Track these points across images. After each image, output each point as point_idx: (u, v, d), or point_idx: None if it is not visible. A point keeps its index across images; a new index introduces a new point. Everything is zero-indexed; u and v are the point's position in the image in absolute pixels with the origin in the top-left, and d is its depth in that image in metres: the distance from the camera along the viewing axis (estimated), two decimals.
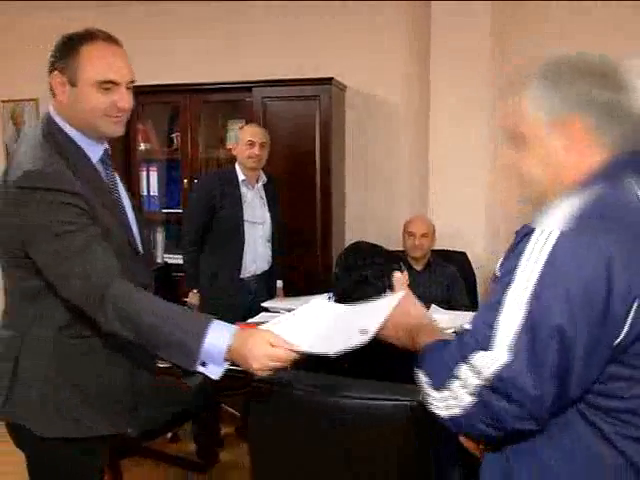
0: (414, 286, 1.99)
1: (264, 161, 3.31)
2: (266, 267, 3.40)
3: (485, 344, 1.00)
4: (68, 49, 1.48)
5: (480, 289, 3.79)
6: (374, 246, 1.97)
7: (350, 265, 1.92)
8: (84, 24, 1.56)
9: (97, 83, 1.48)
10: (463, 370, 1.02)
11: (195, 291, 3.33)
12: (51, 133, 1.51)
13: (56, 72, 1.49)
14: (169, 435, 3.27)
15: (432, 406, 1.10)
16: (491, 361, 0.99)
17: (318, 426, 1.61)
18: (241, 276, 3.29)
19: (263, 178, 3.37)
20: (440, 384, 1.07)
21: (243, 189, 3.28)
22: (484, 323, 1.02)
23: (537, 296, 0.96)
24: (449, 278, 3.45)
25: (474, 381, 1.00)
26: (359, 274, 1.87)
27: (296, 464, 1.68)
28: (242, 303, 3.17)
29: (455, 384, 1.04)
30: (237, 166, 3.31)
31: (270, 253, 3.41)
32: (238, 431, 3.45)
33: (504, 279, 1.02)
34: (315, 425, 1.62)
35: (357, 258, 1.93)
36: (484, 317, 1.04)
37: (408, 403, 1.52)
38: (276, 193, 3.46)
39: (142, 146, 4.24)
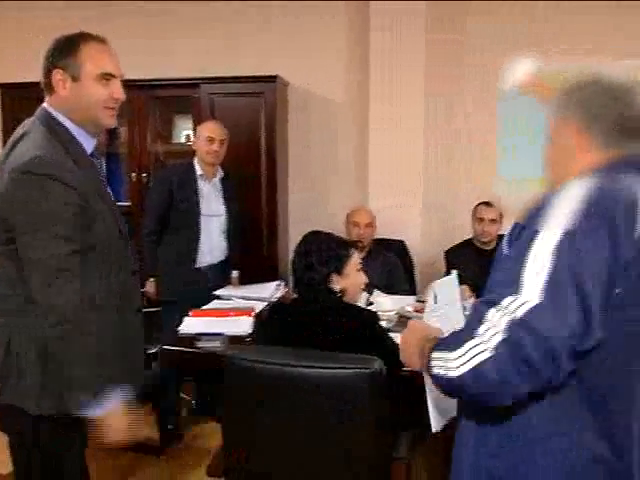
0: None
1: (222, 157, 3.44)
2: (222, 257, 3.54)
3: (513, 291, 1.05)
4: (68, 48, 1.64)
5: (418, 275, 4.07)
6: (326, 234, 2.15)
7: (301, 252, 2.11)
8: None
9: (98, 76, 1.65)
10: (491, 313, 1.06)
11: (152, 280, 3.45)
12: (51, 126, 1.65)
13: (57, 70, 1.64)
14: None
15: (439, 369, 1.13)
16: (522, 303, 1.03)
17: (286, 396, 1.79)
18: (197, 265, 3.43)
19: (220, 173, 3.50)
20: (457, 342, 1.10)
21: (200, 183, 3.40)
22: (507, 280, 1.08)
23: (562, 243, 1.05)
24: (389, 265, 3.68)
25: (505, 319, 1.04)
26: (306, 260, 2.07)
27: (266, 434, 1.85)
28: (198, 291, 3.28)
29: (482, 328, 1.06)
30: (195, 161, 3.43)
31: (226, 245, 3.56)
32: (193, 412, 3.62)
33: (525, 235, 1.11)
34: (282, 395, 1.79)
35: (306, 245, 2.12)
36: (505, 277, 1.11)
37: (368, 371, 1.71)
38: (234, 188, 3.59)
39: None
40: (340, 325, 1.94)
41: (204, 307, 3.05)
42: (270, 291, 3.31)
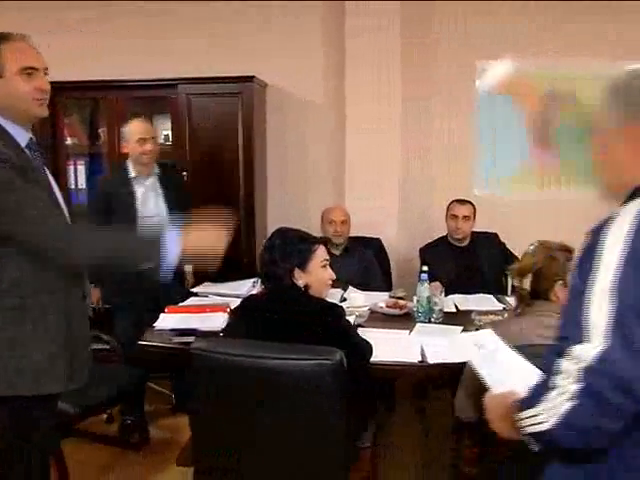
0: (334, 270, 2.27)
1: (157, 154, 3.42)
2: None
3: (580, 339, 1.03)
4: None
5: (394, 272, 4.13)
6: (293, 230, 2.21)
7: (266, 247, 2.16)
8: None
9: (20, 70, 1.76)
10: (564, 364, 1.04)
11: (92, 286, 3.24)
12: None
13: None
14: (105, 417, 3.44)
15: (531, 427, 1.10)
16: (590, 349, 1.01)
17: (251, 387, 1.85)
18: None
19: (156, 170, 3.45)
20: (540, 395, 1.09)
21: (135, 185, 3.38)
22: (574, 324, 1.05)
23: (621, 281, 1.01)
24: (365, 262, 3.75)
25: (576, 366, 1.02)
26: (270, 255, 2.12)
27: (233, 423, 1.91)
28: (149, 289, 3.19)
29: (557, 379, 1.05)
30: (128, 163, 3.40)
31: None
32: (172, 409, 3.66)
33: (585, 275, 1.06)
34: (248, 386, 1.86)
35: (272, 241, 2.17)
36: (571, 319, 1.08)
37: (329, 362, 1.78)
38: (177, 180, 3.62)
39: (69, 140, 4.33)
40: (303, 318, 1.99)
41: (181, 304, 3.10)
42: (247, 288, 3.37)
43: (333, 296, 2.93)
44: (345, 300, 3.11)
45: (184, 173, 4.01)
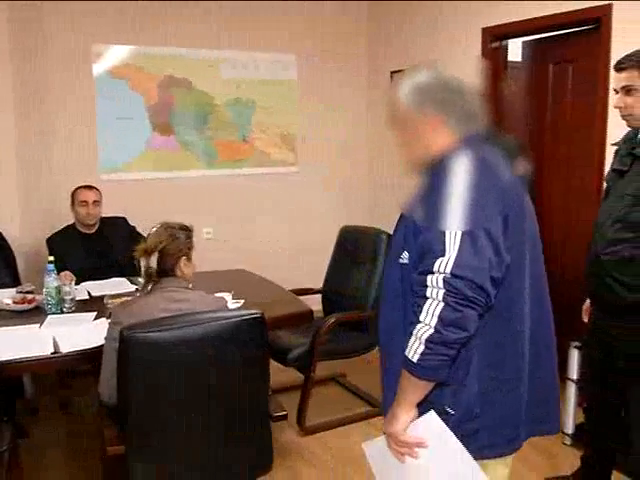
0: None
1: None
2: None
3: (438, 255, 1.28)
4: None
5: (20, 266, 3.89)
6: None
7: None
8: None
9: None
10: (429, 279, 1.29)
11: None
12: None
13: None
14: None
15: (413, 355, 1.31)
16: (447, 260, 1.27)
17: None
18: None
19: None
20: (412, 324, 1.33)
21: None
22: (431, 253, 1.30)
23: (469, 211, 1.30)
24: None
25: (440, 277, 1.27)
26: None
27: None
28: None
29: (427, 292, 1.29)
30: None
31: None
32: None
33: (434, 218, 1.32)
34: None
35: None
36: (426, 250, 1.32)
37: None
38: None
39: None
40: None
41: None
42: None
43: None
44: None
45: None
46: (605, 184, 2.34)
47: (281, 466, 2.15)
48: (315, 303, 3.06)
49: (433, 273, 1.29)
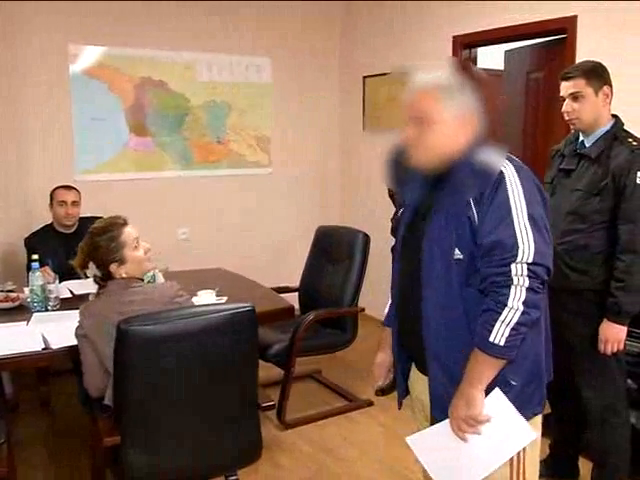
0: None
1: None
2: None
3: (513, 246, 1.43)
4: None
5: None
6: None
7: None
8: None
9: None
10: (513, 268, 1.43)
11: None
12: None
13: None
14: None
15: (500, 339, 1.44)
16: (527, 249, 1.43)
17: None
18: None
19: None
20: (491, 317, 1.45)
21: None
22: (504, 243, 1.44)
23: (527, 204, 1.46)
24: None
25: (524, 266, 1.42)
26: None
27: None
28: None
29: (512, 280, 1.43)
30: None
31: None
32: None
33: (499, 211, 1.46)
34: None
35: None
36: (497, 246, 1.45)
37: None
38: None
39: None
40: None
41: None
42: None
43: None
44: None
45: None
46: (548, 184, 2.49)
47: (263, 457, 2.24)
48: (291, 301, 3.14)
49: (516, 262, 1.43)
